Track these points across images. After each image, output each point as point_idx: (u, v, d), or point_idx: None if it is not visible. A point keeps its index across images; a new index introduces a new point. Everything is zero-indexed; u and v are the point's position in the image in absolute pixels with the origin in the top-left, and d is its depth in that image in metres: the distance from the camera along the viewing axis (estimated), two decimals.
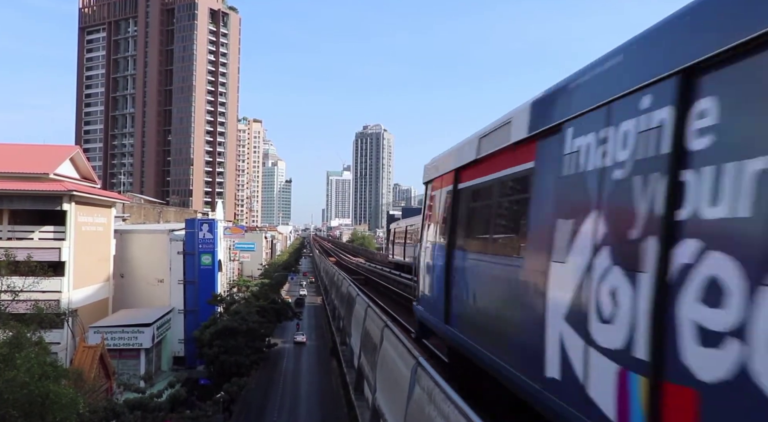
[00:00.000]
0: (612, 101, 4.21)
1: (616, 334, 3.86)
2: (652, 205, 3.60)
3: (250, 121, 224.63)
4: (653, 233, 3.57)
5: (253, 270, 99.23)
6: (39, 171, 40.36)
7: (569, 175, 4.80)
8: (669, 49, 3.69)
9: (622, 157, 4.01)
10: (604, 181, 4.23)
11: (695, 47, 3.38)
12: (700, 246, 3.18)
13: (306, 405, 42.88)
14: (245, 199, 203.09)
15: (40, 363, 18.23)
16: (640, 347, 3.59)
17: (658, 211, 3.53)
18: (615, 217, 4.06)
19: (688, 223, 3.30)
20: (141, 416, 26.98)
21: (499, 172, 6.59)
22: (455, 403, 4.86)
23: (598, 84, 4.52)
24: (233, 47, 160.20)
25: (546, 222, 5.14)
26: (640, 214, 3.72)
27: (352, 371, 14.91)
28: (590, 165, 4.46)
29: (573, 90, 5.01)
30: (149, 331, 42.70)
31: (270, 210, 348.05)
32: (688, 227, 3.29)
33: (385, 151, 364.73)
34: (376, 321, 11.05)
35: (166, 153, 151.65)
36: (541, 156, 5.45)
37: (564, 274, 4.69)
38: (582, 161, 4.59)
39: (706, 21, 3.41)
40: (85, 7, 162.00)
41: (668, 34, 3.76)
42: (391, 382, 8.52)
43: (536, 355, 5.05)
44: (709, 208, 3.11)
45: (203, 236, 52.02)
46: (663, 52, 3.75)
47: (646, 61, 3.91)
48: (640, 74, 3.90)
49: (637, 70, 3.99)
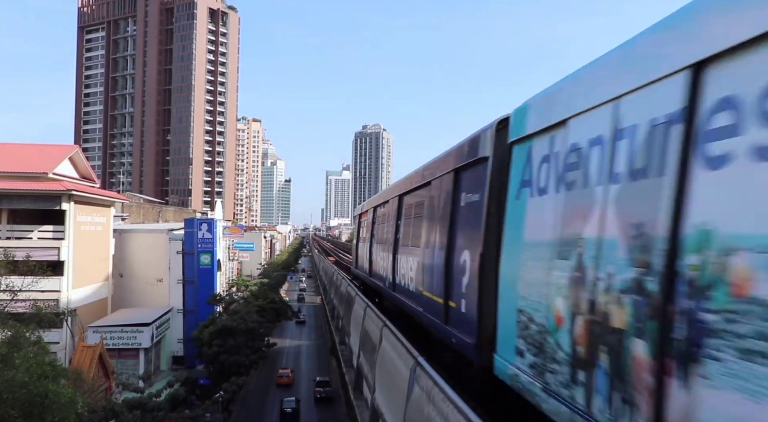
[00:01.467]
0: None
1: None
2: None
3: (249, 121, 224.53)
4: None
5: (253, 269, 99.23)
6: (38, 170, 40.33)
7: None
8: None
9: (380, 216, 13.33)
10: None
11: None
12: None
13: (306, 405, 42.87)
14: (244, 199, 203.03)
15: (39, 362, 18.21)
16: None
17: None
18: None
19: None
20: (140, 416, 26.96)
21: (379, 210, 15.36)
22: (454, 403, 4.87)
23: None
24: (232, 47, 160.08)
25: (389, 230, 12.96)
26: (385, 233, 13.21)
27: (352, 370, 14.93)
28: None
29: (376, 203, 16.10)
30: (148, 331, 42.69)
31: (269, 209, 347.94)
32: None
33: (384, 150, 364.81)
34: (375, 321, 11.07)
35: (166, 152, 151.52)
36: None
37: (388, 249, 12.74)
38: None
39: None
40: (85, 6, 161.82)
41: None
42: (390, 382, 8.54)
43: (389, 277, 12.36)
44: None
45: (202, 236, 52.00)
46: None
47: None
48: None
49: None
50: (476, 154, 6.56)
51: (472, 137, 6.89)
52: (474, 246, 6.36)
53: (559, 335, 4.28)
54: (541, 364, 4.56)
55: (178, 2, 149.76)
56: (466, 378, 7.07)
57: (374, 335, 10.81)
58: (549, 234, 4.59)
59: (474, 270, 6.24)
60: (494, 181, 6.01)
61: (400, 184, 12.57)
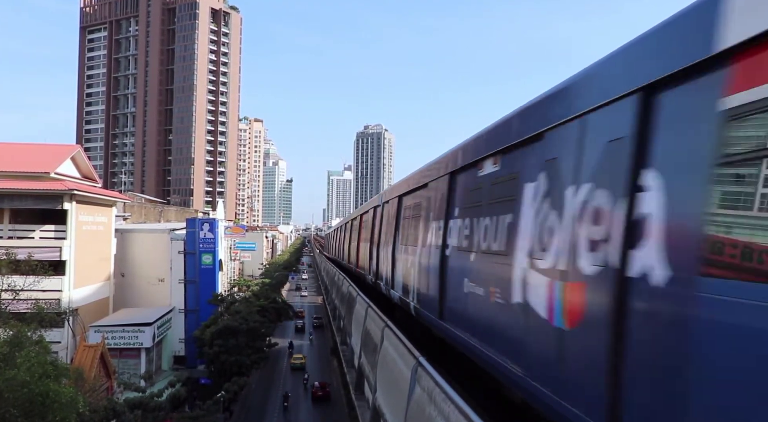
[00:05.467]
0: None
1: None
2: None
3: (251, 121, 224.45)
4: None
5: (254, 269, 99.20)
6: (40, 170, 40.36)
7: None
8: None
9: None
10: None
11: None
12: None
13: (306, 405, 42.88)
14: (246, 199, 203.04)
15: (41, 362, 18.21)
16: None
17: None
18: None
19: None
20: (141, 415, 26.97)
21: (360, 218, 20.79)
22: (456, 403, 4.85)
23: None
24: (234, 47, 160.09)
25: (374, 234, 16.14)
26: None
27: (353, 371, 14.93)
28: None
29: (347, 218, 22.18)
30: (150, 331, 42.70)
31: (271, 209, 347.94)
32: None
33: (386, 150, 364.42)
34: (376, 321, 11.05)
35: (167, 152, 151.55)
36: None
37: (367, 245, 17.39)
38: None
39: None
40: (86, 6, 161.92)
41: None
42: (392, 382, 8.52)
43: (369, 264, 16.51)
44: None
45: (204, 235, 52.02)
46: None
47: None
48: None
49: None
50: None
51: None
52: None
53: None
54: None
55: (180, 2, 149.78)
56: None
57: (375, 335, 10.80)
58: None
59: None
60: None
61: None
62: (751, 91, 2.65)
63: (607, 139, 3.80)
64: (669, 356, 3.00)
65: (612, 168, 3.68)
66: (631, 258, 3.38)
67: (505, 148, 5.80)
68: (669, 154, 3.22)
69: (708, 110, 2.90)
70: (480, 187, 6.63)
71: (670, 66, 3.17)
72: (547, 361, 4.34)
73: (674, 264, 3.04)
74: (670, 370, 2.99)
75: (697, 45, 2.98)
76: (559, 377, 4.15)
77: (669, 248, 3.09)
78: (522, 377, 4.71)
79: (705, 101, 2.94)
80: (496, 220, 5.85)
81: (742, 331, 2.53)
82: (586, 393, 3.76)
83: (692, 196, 2.98)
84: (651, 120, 3.37)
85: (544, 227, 4.61)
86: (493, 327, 5.62)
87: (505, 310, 5.26)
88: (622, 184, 3.51)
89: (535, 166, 4.96)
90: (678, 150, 3.16)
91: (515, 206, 5.30)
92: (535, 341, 4.58)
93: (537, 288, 4.59)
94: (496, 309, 5.53)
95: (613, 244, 3.55)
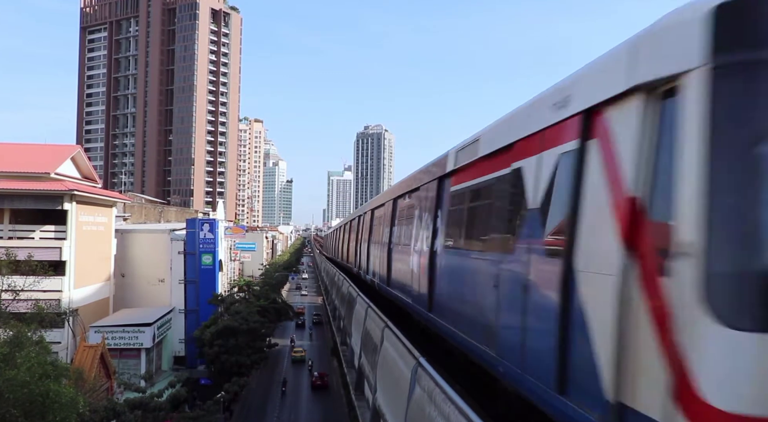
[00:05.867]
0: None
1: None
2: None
3: (251, 121, 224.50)
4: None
5: (254, 270, 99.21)
6: (40, 170, 40.36)
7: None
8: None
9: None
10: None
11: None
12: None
13: (306, 405, 42.90)
14: (246, 199, 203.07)
15: (41, 362, 18.21)
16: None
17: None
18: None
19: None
20: (141, 415, 26.97)
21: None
22: (456, 403, 4.86)
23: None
24: (234, 47, 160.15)
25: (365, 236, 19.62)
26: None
27: (353, 371, 14.95)
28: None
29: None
30: (150, 331, 42.70)
31: (271, 210, 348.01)
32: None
33: (386, 151, 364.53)
34: (376, 322, 11.07)
35: (167, 152, 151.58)
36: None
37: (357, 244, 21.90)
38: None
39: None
40: (87, 6, 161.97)
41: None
42: (392, 382, 8.54)
43: (360, 258, 20.36)
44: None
45: (204, 236, 52.04)
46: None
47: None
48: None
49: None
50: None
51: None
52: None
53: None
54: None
55: (181, 3, 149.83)
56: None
57: (376, 336, 10.82)
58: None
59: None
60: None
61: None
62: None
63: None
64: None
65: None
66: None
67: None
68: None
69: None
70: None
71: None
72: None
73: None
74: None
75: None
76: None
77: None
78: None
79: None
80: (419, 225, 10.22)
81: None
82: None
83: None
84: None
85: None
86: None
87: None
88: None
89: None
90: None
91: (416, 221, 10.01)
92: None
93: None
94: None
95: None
